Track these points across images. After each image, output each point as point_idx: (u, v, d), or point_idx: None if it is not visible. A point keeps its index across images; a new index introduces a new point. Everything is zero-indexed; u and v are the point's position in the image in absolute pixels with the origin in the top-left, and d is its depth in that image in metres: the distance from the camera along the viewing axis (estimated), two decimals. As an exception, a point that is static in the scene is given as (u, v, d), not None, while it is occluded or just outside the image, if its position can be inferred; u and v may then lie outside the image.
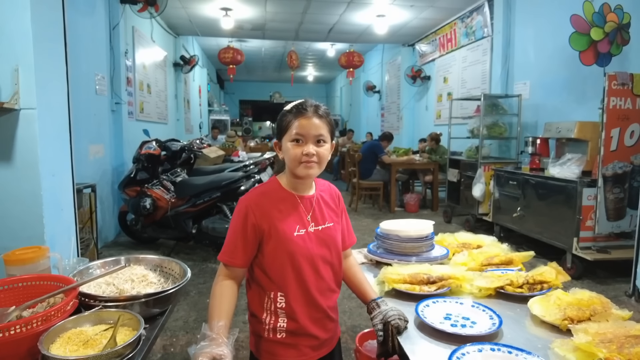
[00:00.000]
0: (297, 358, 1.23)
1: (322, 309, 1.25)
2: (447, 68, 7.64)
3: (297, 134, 1.19)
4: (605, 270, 3.68)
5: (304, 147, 1.18)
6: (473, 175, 5.14)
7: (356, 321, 2.76)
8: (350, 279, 1.37)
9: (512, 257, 1.64)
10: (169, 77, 7.58)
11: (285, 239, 1.20)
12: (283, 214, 1.22)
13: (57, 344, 1.14)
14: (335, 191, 1.37)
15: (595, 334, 1.03)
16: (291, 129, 1.20)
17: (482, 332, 1.09)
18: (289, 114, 1.23)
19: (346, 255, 1.39)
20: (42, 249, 1.50)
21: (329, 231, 1.27)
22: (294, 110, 1.23)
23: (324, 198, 1.31)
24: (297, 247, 1.20)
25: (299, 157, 1.18)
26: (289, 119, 1.22)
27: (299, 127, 1.19)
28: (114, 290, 1.46)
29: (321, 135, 1.20)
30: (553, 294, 1.29)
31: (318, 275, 1.24)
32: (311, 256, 1.22)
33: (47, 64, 2.04)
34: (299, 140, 1.19)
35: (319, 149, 1.19)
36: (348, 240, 1.38)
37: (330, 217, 1.29)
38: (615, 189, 3.42)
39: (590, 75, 4.08)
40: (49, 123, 2.05)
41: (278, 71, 14.64)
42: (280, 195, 1.25)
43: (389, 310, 1.18)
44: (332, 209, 1.32)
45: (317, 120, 1.20)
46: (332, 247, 1.27)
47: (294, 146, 1.19)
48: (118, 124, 4.98)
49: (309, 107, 1.22)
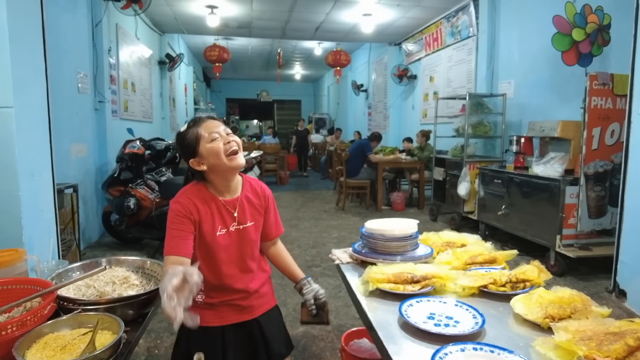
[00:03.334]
0: (214, 317, 1.43)
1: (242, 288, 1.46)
2: (433, 67, 7.68)
3: (215, 132, 1.35)
4: (587, 266, 3.74)
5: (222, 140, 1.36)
6: (458, 173, 5.18)
7: (342, 320, 2.75)
8: (279, 261, 1.58)
9: (495, 256, 1.66)
10: (154, 75, 7.48)
11: (209, 237, 1.37)
12: (209, 215, 1.38)
13: (34, 349, 1.11)
14: (262, 190, 1.51)
15: (575, 331, 1.04)
16: (203, 132, 1.37)
17: (465, 331, 1.09)
18: (196, 121, 1.42)
19: (274, 242, 1.58)
20: (18, 252, 1.46)
21: (250, 230, 1.45)
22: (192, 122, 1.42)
23: (250, 199, 1.46)
24: (218, 244, 1.38)
25: (224, 148, 1.34)
26: (196, 130, 1.39)
27: (210, 127, 1.36)
28: (94, 293, 1.43)
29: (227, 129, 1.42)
30: (535, 292, 1.30)
31: (232, 260, 1.43)
32: (231, 250, 1.41)
33: (24, 62, 1.99)
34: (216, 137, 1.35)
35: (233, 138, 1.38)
36: (275, 232, 1.55)
37: (253, 217, 1.46)
38: (597, 187, 3.48)
39: (572, 75, 4.14)
40: (28, 122, 2.01)
41: (265, 69, 14.57)
42: (203, 204, 1.39)
43: (318, 289, 1.51)
44: (257, 209, 1.47)
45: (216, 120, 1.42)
46: (251, 241, 1.46)
47: (214, 144, 1.35)
48: (101, 123, 4.89)
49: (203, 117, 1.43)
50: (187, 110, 10.87)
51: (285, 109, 18.78)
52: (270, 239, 1.55)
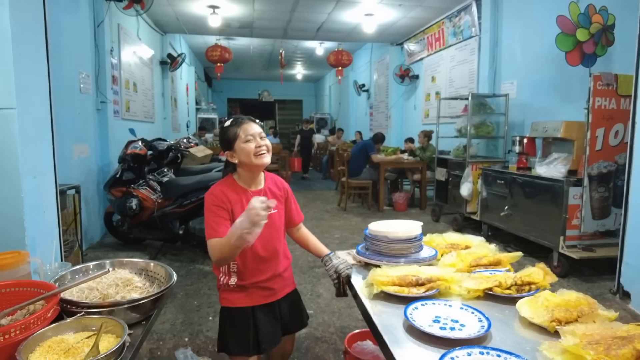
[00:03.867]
0: (246, 299, 1.63)
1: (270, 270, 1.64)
2: (435, 67, 7.67)
3: (250, 135, 1.56)
4: (590, 268, 3.72)
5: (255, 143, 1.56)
6: (461, 174, 5.16)
7: (345, 322, 2.74)
8: (305, 243, 1.77)
9: (500, 258, 1.65)
10: (155, 75, 7.48)
11: None
12: (239, 205, 1.55)
13: (37, 353, 1.11)
14: (281, 183, 1.73)
15: (582, 335, 1.03)
16: (241, 133, 1.56)
17: (471, 335, 1.09)
18: (234, 122, 1.61)
19: (298, 228, 1.78)
20: (21, 254, 1.46)
21: (275, 216, 1.63)
22: (236, 120, 1.61)
23: (273, 191, 1.67)
24: None
25: (253, 150, 1.55)
26: (236, 126, 1.61)
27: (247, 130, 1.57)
28: (97, 296, 1.43)
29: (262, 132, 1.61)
30: (541, 295, 1.29)
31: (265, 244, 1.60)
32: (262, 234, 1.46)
33: (27, 63, 1.98)
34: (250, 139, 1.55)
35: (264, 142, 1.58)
36: (297, 218, 1.76)
37: (277, 207, 1.62)
38: (601, 188, 3.47)
39: (575, 75, 4.12)
40: (30, 123, 2.00)
41: (266, 69, 14.56)
42: (237, 191, 1.60)
43: (340, 263, 1.61)
44: (279, 200, 1.66)
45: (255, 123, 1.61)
46: (277, 226, 1.65)
47: (247, 145, 1.55)
48: (103, 123, 4.89)
49: (245, 118, 1.63)
50: (189, 110, 10.88)
51: (287, 108, 18.78)
52: (294, 225, 1.76)
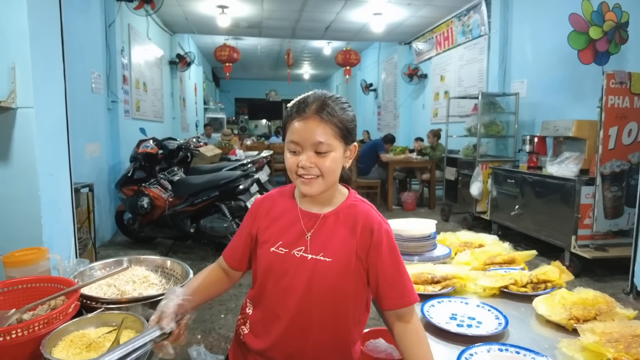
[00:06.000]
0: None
1: (298, 349, 1.03)
2: (444, 66, 7.64)
3: (291, 141, 0.99)
4: (602, 268, 3.69)
5: (300, 157, 0.98)
6: (470, 173, 5.14)
7: (356, 320, 2.75)
8: (403, 351, 0.98)
9: (514, 256, 1.64)
10: (164, 75, 7.53)
11: (262, 250, 1.06)
12: (275, 224, 1.06)
13: (60, 347, 1.13)
14: (367, 222, 1.01)
15: (602, 333, 1.03)
16: (287, 133, 1.00)
17: (488, 332, 1.09)
18: (289, 111, 1.02)
19: (400, 317, 0.99)
20: (41, 250, 1.48)
21: (320, 266, 0.99)
22: (294, 108, 1.01)
23: (339, 222, 1.02)
24: (268, 265, 1.03)
25: (294, 169, 0.99)
26: (287, 120, 1.02)
27: (294, 132, 0.98)
28: (115, 292, 1.45)
29: (321, 144, 0.96)
30: (557, 293, 1.29)
31: (293, 315, 1.01)
32: (284, 283, 1.01)
33: (44, 62, 2.01)
34: (294, 149, 0.99)
35: (319, 159, 0.97)
36: (398, 295, 0.98)
37: (332, 251, 1.00)
38: (613, 187, 3.44)
39: (587, 73, 4.09)
40: (47, 122, 2.03)
41: (274, 69, 14.59)
42: (285, 202, 1.09)
43: None
44: (344, 242, 1.00)
45: (319, 122, 0.96)
46: (321, 288, 0.99)
47: (289, 156, 1.00)
48: (114, 123, 4.94)
49: (310, 105, 0.98)
50: (197, 110, 10.94)
51: (294, 108, 18.80)
52: (390, 307, 0.99)
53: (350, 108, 1.04)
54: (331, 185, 1.02)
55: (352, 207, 1.04)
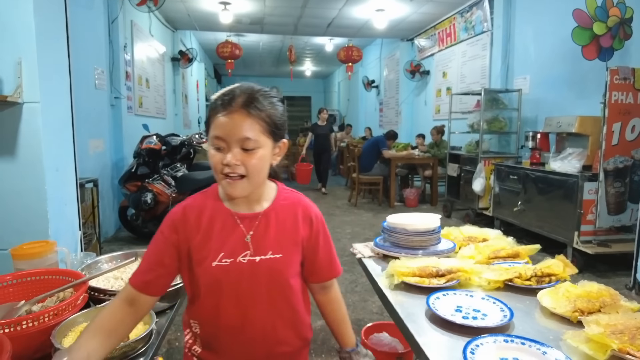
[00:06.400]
0: None
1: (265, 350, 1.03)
2: (446, 63, 7.63)
3: (215, 137, 0.91)
4: (605, 263, 3.70)
5: (225, 154, 0.91)
6: (473, 169, 5.15)
7: (360, 315, 2.76)
8: (327, 316, 1.14)
9: (518, 250, 1.65)
10: (167, 71, 7.54)
11: (200, 268, 0.96)
12: (209, 235, 0.97)
13: (70, 337, 1.14)
14: (305, 212, 1.05)
15: (606, 325, 1.03)
16: (211, 128, 0.92)
17: (494, 324, 1.10)
18: (214, 104, 0.94)
19: (325, 288, 1.11)
20: (49, 243, 1.50)
21: (272, 264, 0.98)
22: (218, 101, 0.93)
23: (280, 218, 1.01)
24: (214, 280, 0.96)
25: (219, 167, 0.91)
26: (211, 114, 0.93)
27: (218, 127, 0.90)
28: (122, 285, 1.46)
29: (248, 140, 0.90)
30: (562, 286, 1.29)
31: (249, 318, 0.99)
32: (236, 293, 0.97)
33: (49, 57, 2.02)
34: (219, 145, 0.91)
35: (246, 157, 0.91)
36: (327, 271, 1.09)
37: (281, 246, 1.00)
38: (616, 183, 3.44)
39: (590, 70, 4.08)
40: (52, 117, 2.04)
41: (276, 66, 14.58)
42: (212, 209, 1.00)
43: None
44: (289, 236, 1.01)
45: (246, 117, 0.90)
46: (277, 284, 1.00)
47: (213, 153, 0.92)
48: (117, 119, 4.95)
49: (237, 98, 0.91)
50: (199, 106, 10.95)
51: (296, 105, 18.78)
52: (320, 281, 1.09)
53: (279, 102, 0.97)
54: (258, 185, 0.98)
55: (287, 199, 1.04)
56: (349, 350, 1.15)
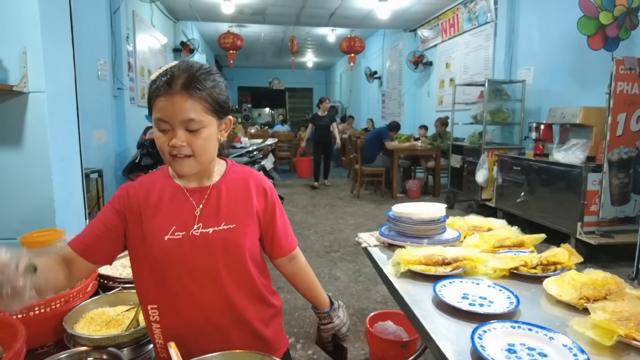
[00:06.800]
0: None
1: (217, 333, 1.00)
2: (450, 54, 7.58)
3: (159, 119, 0.89)
4: (607, 254, 3.71)
5: (170, 136, 0.90)
6: (476, 161, 5.14)
7: (364, 304, 2.78)
8: (299, 284, 1.16)
9: (523, 240, 1.66)
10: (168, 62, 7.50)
11: (153, 243, 0.94)
12: (159, 210, 0.96)
13: (81, 323, 1.16)
14: (258, 182, 1.05)
15: (612, 312, 1.04)
16: (154, 110, 0.91)
17: (500, 310, 1.11)
18: (153, 85, 0.91)
19: (293, 259, 1.14)
20: (58, 232, 1.51)
21: (227, 235, 0.97)
22: (158, 82, 0.90)
23: (231, 189, 1.01)
24: (168, 254, 0.94)
25: (165, 148, 0.91)
26: (152, 96, 0.91)
27: (160, 109, 0.89)
28: (129, 273, 1.47)
29: (191, 121, 0.89)
30: (567, 274, 1.30)
31: (206, 291, 0.97)
32: (192, 267, 0.95)
33: (54, 47, 2.01)
34: (163, 128, 0.90)
35: (191, 137, 0.90)
36: (286, 244, 1.10)
37: (234, 217, 0.99)
38: (620, 174, 3.44)
39: (595, 60, 4.06)
40: (58, 107, 2.04)
41: (277, 57, 14.51)
42: (162, 185, 1.00)
43: (342, 325, 1.19)
44: (243, 206, 1.01)
45: (187, 98, 0.88)
46: (232, 255, 0.98)
47: (158, 135, 0.91)
48: (120, 110, 4.95)
49: (177, 79, 0.88)
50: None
51: (297, 97, 18.74)
52: (282, 255, 1.11)
53: (221, 78, 0.96)
54: (206, 163, 0.97)
55: (237, 172, 1.05)
56: (327, 310, 1.18)
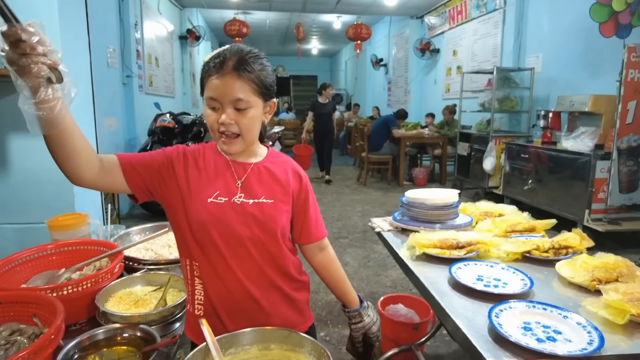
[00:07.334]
0: None
1: (248, 298, 1.02)
2: (457, 41, 7.53)
3: (210, 98, 0.96)
4: (614, 241, 3.73)
5: (220, 114, 0.96)
6: (483, 148, 5.15)
7: (374, 288, 2.84)
8: (329, 277, 1.15)
9: (534, 225, 1.69)
10: (175, 50, 7.51)
11: (196, 203, 0.99)
12: (205, 173, 1.02)
13: (111, 302, 1.21)
14: (295, 169, 1.10)
15: (624, 293, 1.07)
16: (206, 89, 0.97)
17: (515, 291, 1.14)
18: (206, 66, 0.97)
19: (322, 248, 1.15)
20: (82, 216, 1.56)
21: (264, 208, 1.02)
22: (211, 63, 0.96)
23: (272, 170, 1.07)
24: (209, 215, 0.98)
25: (215, 126, 0.97)
26: (205, 76, 0.97)
27: (212, 88, 0.95)
28: (153, 256, 1.52)
29: (240, 100, 0.94)
30: (579, 257, 1.34)
31: (241, 256, 1.01)
32: (230, 231, 0.99)
33: (71, 34, 2.04)
34: (214, 105, 0.96)
35: (239, 116, 0.96)
36: (315, 231, 1.11)
37: (272, 194, 1.04)
38: (629, 162, 3.45)
39: (605, 47, 4.04)
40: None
41: (282, 44, 14.44)
42: (210, 155, 1.06)
43: (372, 324, 1.17)
44: (281, 185, 1.06)
45: (237, 78, 0.94)
46: (267, 227, 1.01)
47: (209, 113, 0.97)
48: (129, 97, 4.97)
49: (228, 61, 0.94)
50: (206, 86, 10.90)
51: (302, 84, 18.65)
52: (311, 241, 1.12)
53: (268, 62, 1.01)
54: (251, 142, 1.04)
55: (277, 157, 1.11)
56: (358, 308, 1.16)
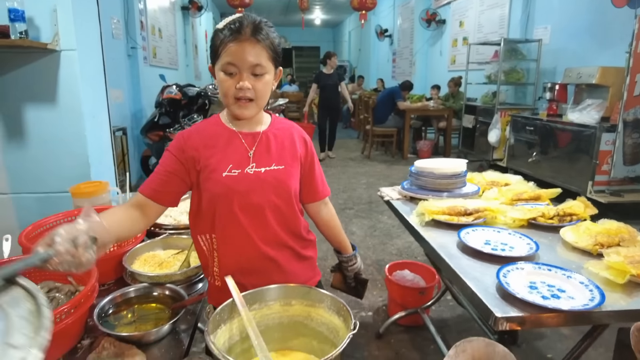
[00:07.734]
0: None
1: (264, 258, 1.08)
2: (464, 12, 7.40)
3: (228, 63, 0.97)
4: (616, 213, 3.74)
5: (237, 79, 0.98)
6: (488, 121, 5.15)
7: (380, 256, 2.92)
8: (329, 231, 1.25)
9: (540, 193, 1.74)
10: (177, 21, 7.40)
11: (212, 180, 1.02)
12: (215, 150, 1.04)
13: (136, 264, 1.27)
14: (299, 133, 1.16)
15: (625, 256, 1.13)
16: (222, 55, 0.98)
17: (521, 254, 1.20)
18: (221, 33, 0.98)
19: (326, 204, 1.23)
20: (103, 184, 1.61)
21: (277, 174, 1.06)
22: (226, 29, 0.98)
23: (279, 137, 1.11)
24: (226, 189, 1.01)
25: (231, 92, 0.99)
26: (220, 41, 0.98)
27: (230, 54, 0.96)
28: (171, 222, 1.58)
29: (258, 65, 0.98)
30: (583, 224, 1.39)
31: (258, 223, 1.05)
32: (247, 201, 1.03)
33: (82, 6, 2.04)
34: (231, 71, 0.98)
35: (255, 82, 0.99)
36: (322, 190, 1.19)
37: (282, 160, 1.08)
38: (635, 134, 3.46)
39: (616, 19, 3.98)
40: (88, 65, 2.09)
41: (284, 14, 14.17)
42: (216, 130, 1.08)
43: (361, 265, 1.31)
44: (289, 151, 1.10)
45: (255, 44, 0.97)
46: (281, 193, 1.07)
47: (225, 78, 0.99)
48: (135, 69, 4.95)
49: (245, 27, 0.96)
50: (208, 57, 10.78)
51: (304, 56, 18.40)
52: (318, 199, 1.19)
53: (276, 31, 1.05)
54: (262, 107, 1.07)
55: (282, 123, 1.15)
56: (354, 253, 1.27)
